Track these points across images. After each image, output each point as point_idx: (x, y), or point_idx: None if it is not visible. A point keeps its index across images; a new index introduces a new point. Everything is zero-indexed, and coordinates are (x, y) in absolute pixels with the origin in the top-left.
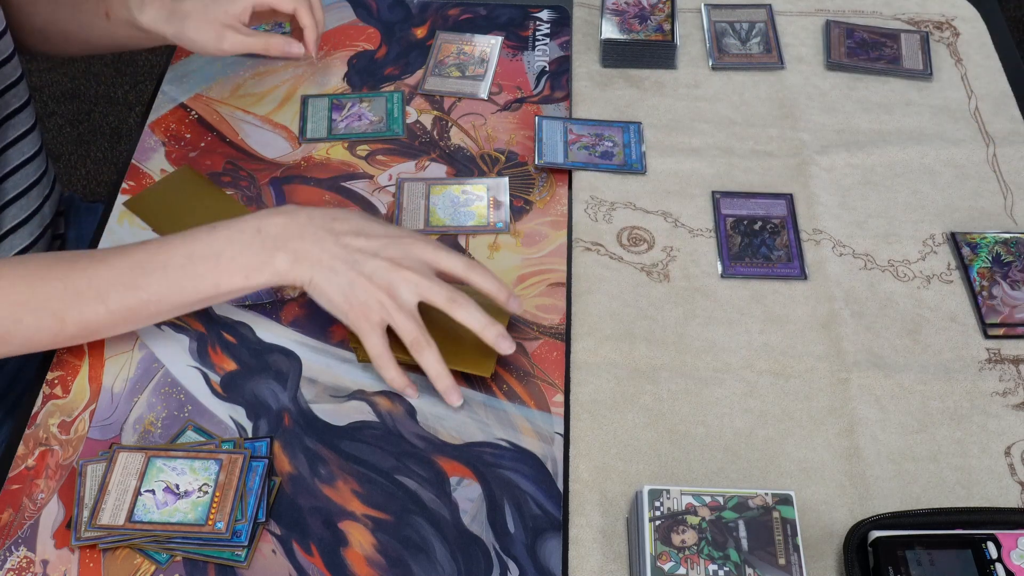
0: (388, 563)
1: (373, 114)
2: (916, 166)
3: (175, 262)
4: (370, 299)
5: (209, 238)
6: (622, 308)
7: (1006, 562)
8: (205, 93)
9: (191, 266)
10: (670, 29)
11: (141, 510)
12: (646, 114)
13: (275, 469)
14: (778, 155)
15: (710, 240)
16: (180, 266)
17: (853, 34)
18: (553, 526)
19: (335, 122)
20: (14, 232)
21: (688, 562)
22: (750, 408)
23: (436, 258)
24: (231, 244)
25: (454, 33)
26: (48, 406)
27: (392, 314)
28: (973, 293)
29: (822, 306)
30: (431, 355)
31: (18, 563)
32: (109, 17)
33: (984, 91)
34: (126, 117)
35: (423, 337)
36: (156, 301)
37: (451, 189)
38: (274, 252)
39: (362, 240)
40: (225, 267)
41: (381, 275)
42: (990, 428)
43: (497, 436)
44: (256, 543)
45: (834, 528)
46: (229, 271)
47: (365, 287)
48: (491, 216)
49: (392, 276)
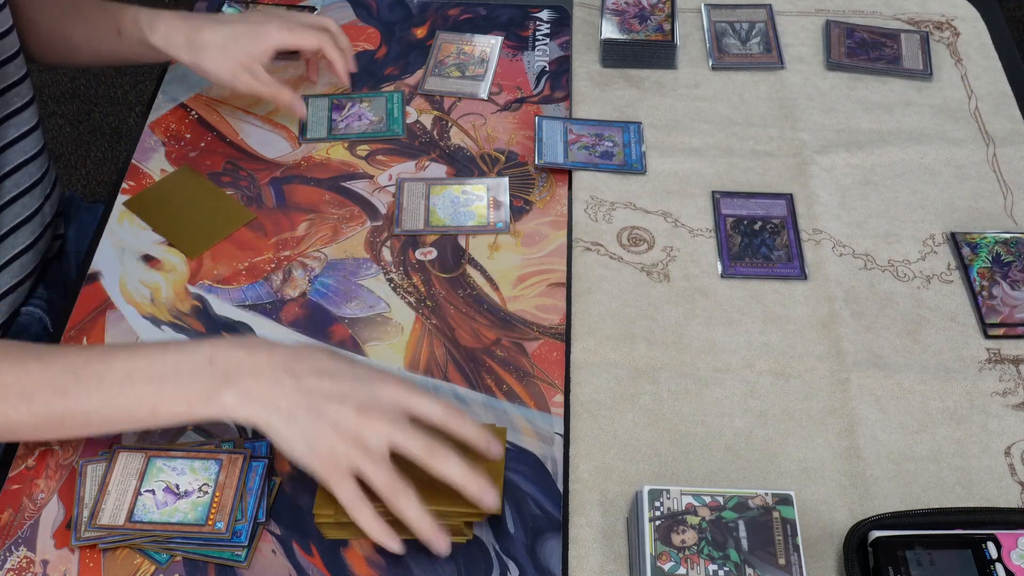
0: (388, 563)
1: (373, 114)
2: (916, 166)
3: (112, 376)
4: (336, 448)
5: (155, 358)
6: (622, 308)
7: (1006, 562)
8: (205, 93)
9: (129, 385)
10: (670, 29)
11: (141, 510)
12: (646, 114)
13: (275, 469)
14: (778, 155)
15: (710, 240)
16: (117, 381)
17: (853, 34)
18: (553, 526)
19: (335, 122)
20: (15, 232)
21: (688, 562)
22: (750, 408)
23: (410, 403)
24: (178, 370)
25: (454, 33)
26: None
27: (361, 463)
28: (973, 293)
29: (822, 306)
30: (408, 503)
31: (18, 563)
32: (120, 34)
33: (984, 91)
34: (126, 117)
35: (398, 485)
36: (84, 414)
37: (451, 189)
38: (223, 387)
39: (326, 382)
40: (168, 393)
41: (347, 424)
42: (990, 428)
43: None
44: (256, 543)
45: (834, 528)
46: (171, 398)
47: (329, 436)
48: (491, 216)
49: (360, 425)
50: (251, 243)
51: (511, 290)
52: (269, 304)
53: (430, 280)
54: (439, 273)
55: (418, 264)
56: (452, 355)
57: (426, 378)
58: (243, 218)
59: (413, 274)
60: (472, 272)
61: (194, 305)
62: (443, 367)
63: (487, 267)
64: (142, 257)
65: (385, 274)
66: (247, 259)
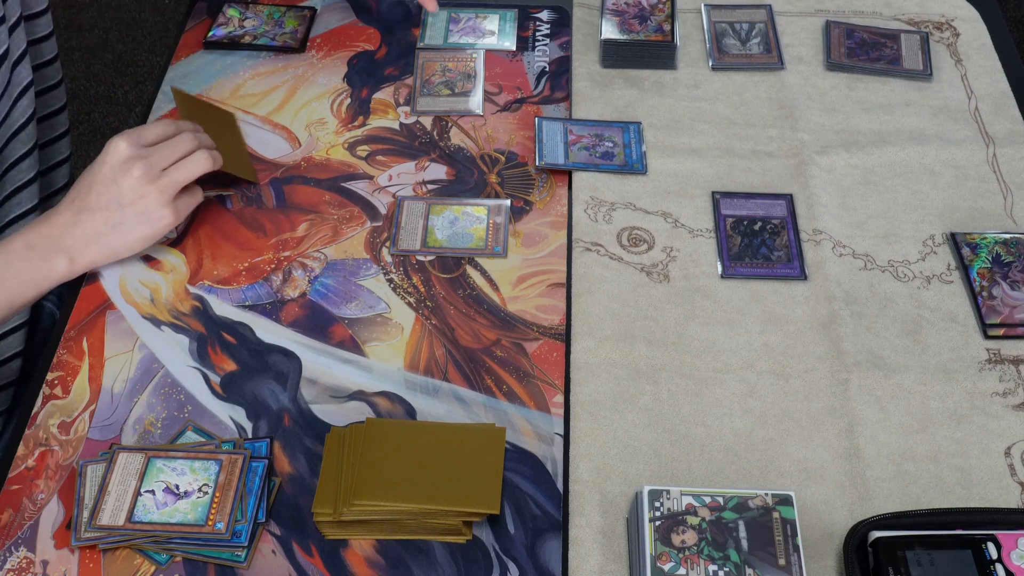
0: (388, 563)
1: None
2: (916, 166)
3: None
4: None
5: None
6: (622, 308)
7: (1006, 562)
8: (205, 93)
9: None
10: (670, 29)
11: (141, 510)
12: (646, 114)
13: (275, 469)
14: (778, 155)
15: (710, 240)
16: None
17: (853, 34)
18: (553, 527)
19: (451, 32)
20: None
21: (688, 562)
22: (750, 408)
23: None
24: (8, 268)
25: (432, 51)
26: (48, 406)
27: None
28: (973, 293)
29: (822, 306)
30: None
31: (18, 563)
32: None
33: (984, 91)
34: (126, 118)
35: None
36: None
37: (451, 209)
38: (52, 258)
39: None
40: (11, 286)
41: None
42: (990, 428)
43: None
44: (256, 543)
45: (834, 528)
46: (17, 288)
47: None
48: (489, 240)
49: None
50: (251, 243)
51: (511, 290)
52: (269, 304)
53: (430, 280)
54: (439, 273)
55: (418, 264)
56: (452, 355)
57: (426, 379)
58: (248, 175)
59: (413, 274)
60: (472, 272)
61: (194, 305)
62: (443, 367)
63: (487, 267)
64: (142, 257)
65: (385, 274)
66: (247, 259)
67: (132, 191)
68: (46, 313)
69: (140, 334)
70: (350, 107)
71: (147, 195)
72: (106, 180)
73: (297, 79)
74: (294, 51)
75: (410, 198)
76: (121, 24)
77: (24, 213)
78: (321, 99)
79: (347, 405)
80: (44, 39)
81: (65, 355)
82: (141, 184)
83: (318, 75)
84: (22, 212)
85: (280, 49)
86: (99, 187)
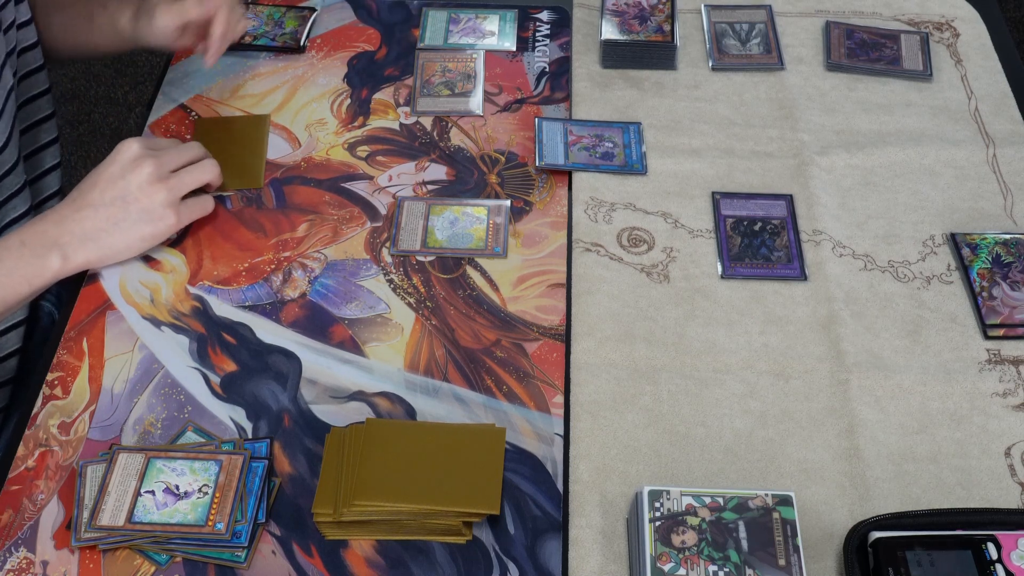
0: (388, 564)
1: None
2: (916, 167)
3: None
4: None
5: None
6: (622, 309)
7: (1006, 563)
8: (205, 94)
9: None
10: (670, 30)
11: (141, 511)
12: (646, 115)
13: (275, 470)
14: (778, 156)
15: (710, 241)
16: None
17: (853, 35)
18: (553, 527)
19: (451, 32)
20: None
21: (688, 563)
22: (750, 409)
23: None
24: (0, 264)
25: (432, 51)
26: (48, 407)
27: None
28: (973, 294)
29: (822, 307)
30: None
31: (18, 564)
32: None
33: (984, 92)
34: (126, 118)
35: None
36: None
37: (451, 210)
38: (46, 255)
39: (111, 191)
40: (4, 283)
41: (142, 188)
42: (990, 429)
43: None
44: (256, 544)
45: (834, 529)
46: (10, 285)
47: (141, 199)
48: (489, 241)
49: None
50: (251, 244)
51: (511, 291)
52: (269, 305)
53: (430, 281)
54: (439, 274)
55: (418, 265)
56: (452, 356)
57: (426, 379)
58: (256, 182)
59: (413, 275)
60: (472, 273)
61: (194, 306)
62: (443, 368)
63: (487, 268)
64: (142, 257)
65: (385, 275)
66: (247, 260)
67: (139, 188)
68: (44, 312)
69: (140, 334)
70: (350, 107)
71: (154, 193)
72: (113, 176)
73: (297, 79)
74: (294, 51)
75: (410, 198)
76: None
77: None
78: (321, 99)
79: (347, 405)
80: (31, 48)
81: (65, 355)
82: (150, 181)
83: (318, 75)
84: (17, 216)
85: (280, 49)
86: (105, 184)
